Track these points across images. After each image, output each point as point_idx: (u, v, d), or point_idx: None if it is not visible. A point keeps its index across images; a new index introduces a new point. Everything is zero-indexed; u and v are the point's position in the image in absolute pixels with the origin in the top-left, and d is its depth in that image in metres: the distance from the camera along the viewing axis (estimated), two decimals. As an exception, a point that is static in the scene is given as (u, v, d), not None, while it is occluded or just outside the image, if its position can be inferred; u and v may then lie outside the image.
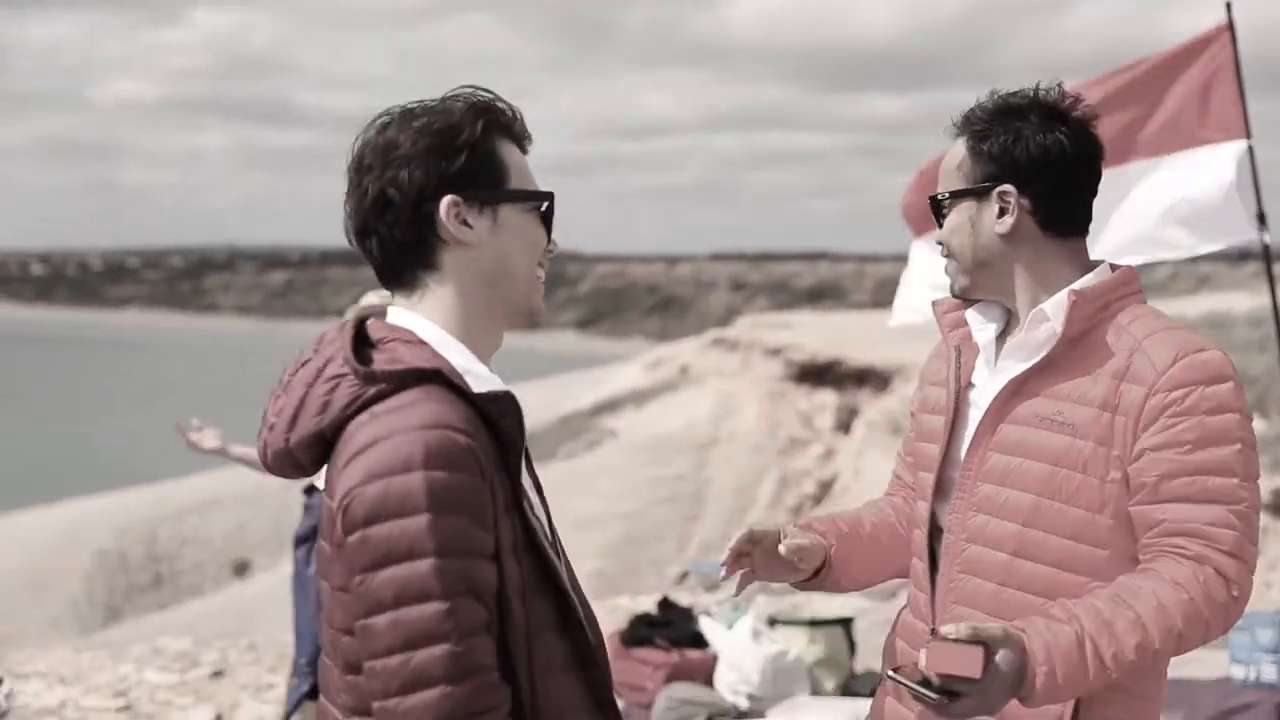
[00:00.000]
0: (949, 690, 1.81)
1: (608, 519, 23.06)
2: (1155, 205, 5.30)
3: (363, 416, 1.61)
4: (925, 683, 1.82)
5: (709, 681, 5.96)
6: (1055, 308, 2.02)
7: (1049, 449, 1.99)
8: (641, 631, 6.30)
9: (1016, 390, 2.04)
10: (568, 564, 1.77)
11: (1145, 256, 5.29)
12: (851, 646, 6.22)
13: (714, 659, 6.01)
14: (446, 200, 1.67)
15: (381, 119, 1.72)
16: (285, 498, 21.07)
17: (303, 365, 1.70)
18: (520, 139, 1.75)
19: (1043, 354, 2.02)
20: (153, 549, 25.67)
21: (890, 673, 1.91)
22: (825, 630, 6.15)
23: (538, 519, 1.70)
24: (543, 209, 1.75)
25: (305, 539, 5.05)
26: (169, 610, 21.69)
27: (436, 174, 1.67)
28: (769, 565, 2.18)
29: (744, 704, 5.76)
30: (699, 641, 6.21)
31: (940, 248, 2.16)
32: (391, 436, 1.56)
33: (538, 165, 1.78)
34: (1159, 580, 1.88)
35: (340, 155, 1.76)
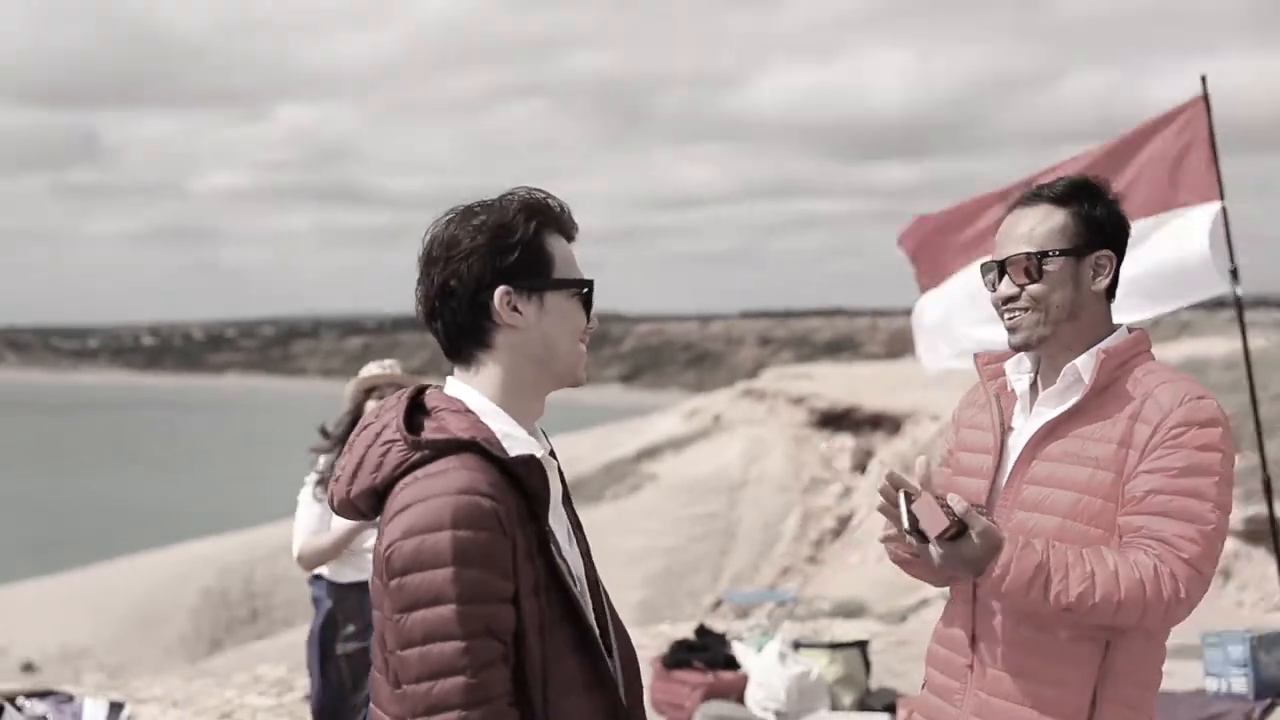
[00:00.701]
0: (922, 532, 2.00)
1: (650, 554, 22.99)
2: (1137, 265, 5.32)
3: (407, 478, 1.68)
4: (912, 518, 2.01)
5: (741, 699, 5.98)
6: (1086, 363, 2.13)
7: (1075, 479, 2.10)
8: (681, 655, 6.33)
9: (1049, 432, 2.14)
10: (605, 595, 1.84)
11: (1131, 315, 5.30)
12: (867, 666, 6.23)
13: (745, 679, 6.03)
14: (500, 290, 1.73)
15: (447, 216, 1.77)
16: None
17: (365, 428, 1.76)
18: (568, 230, 1.80)
19: (1072, 401, 2.13)
20: (250, 586, 25.82)
21: (903, 495, 2.02)
22: (844, 652, 6.16)
23: (564, 560, 1.73)
24: (584, 293, 1.80)
25: (321, 637, 4.13)
26: (265, 640, 21.78)
27: (492, 268, 1.73)
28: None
29: (772, 719, 5.78)
30: (732, 663, 6.23)
31: (1005, 300, 2.16)
32: (428, 499, 1.64)
33: (586, 236, 1.85)
34: (1123, 558, 2.01)
35: (409, 232, 1.83)
